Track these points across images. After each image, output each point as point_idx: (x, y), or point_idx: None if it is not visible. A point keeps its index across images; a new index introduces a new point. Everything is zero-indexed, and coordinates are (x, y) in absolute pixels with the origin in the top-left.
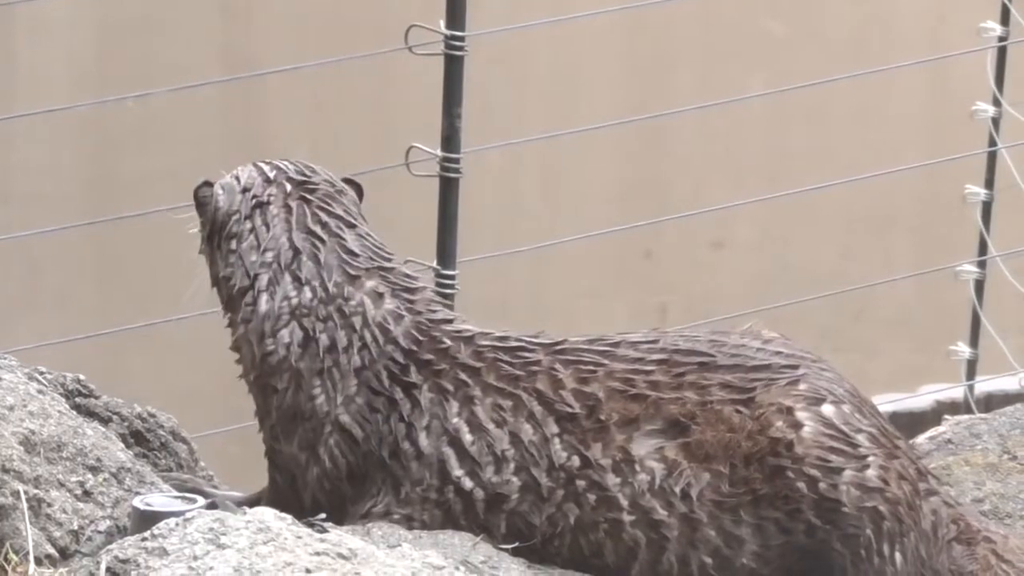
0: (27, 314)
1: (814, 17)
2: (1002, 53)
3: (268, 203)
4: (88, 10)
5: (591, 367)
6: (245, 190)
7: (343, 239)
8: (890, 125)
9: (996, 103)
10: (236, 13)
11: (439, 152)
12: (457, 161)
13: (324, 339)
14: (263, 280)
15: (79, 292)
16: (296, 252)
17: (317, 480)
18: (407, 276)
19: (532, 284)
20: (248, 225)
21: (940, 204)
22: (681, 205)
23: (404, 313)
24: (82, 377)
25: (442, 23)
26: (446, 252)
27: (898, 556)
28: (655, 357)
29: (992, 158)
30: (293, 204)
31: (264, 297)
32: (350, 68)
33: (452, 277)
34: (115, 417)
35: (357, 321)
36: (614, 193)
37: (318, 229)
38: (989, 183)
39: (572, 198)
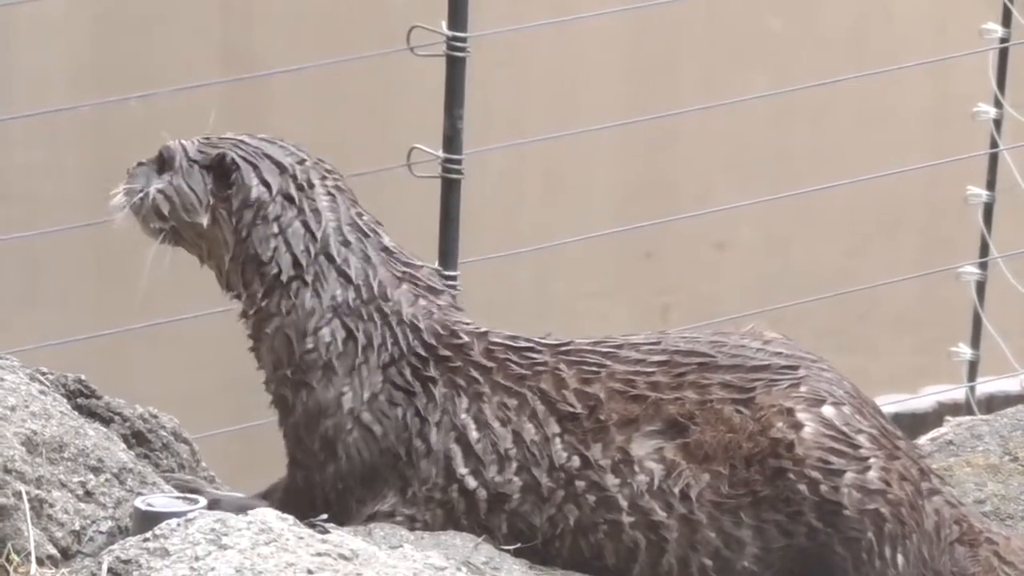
0: (28, 314)
1: (817, 18)
2: (1004, 55)
3: (311, 186)
4: (87, 9)
5: (594, 368)
6: (282, 169)
7: (380, 235)
8: (892, 127)
9: (998, 105)
10: (236, 12)
11: (441, 153)
12: (459, 162)
13: (362, 338)
14: (310, 274)
15: (80, 292)
16: (345, 245)
17: (332, 478)
18: (431, 277)
19: (534, 285)
20: (293, 210)
21: (942, 205)
22: (684, 206)
23: (434, 310)
24: (84, 377)
25: (444, 24)
26: (448, 253)
27: (900, 558)
28: (656, 358)
29: (994, 160)
30: (334, 192)
31: (309, 292)
32: (352, 69)
33: (454, 278)
34: (117, 418)
35: (393, 320)
36: (616, 194)
37: (360, 222)
38: (991, 184)
39: (574, 199)
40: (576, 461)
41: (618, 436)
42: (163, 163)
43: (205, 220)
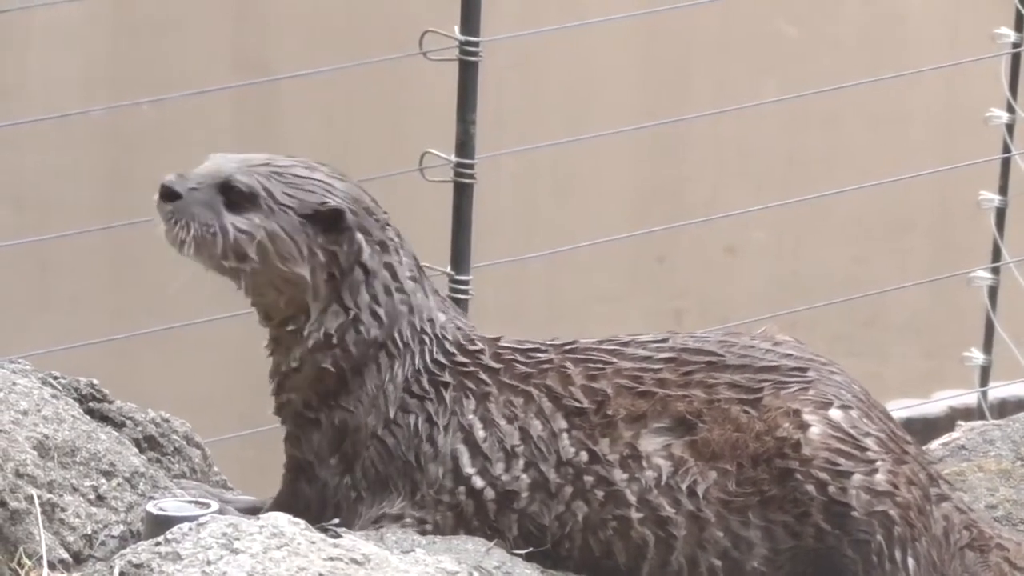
0: (41, 318)
1: (829, 23)
2: (1016, 59)
3: (388, 225)
4: (101, 15)
5: (600, 365)
6: (370, 212)
7: (424, 271)
8: (904, 131)
9: (1010, 109)
10: (249, 17)
11: (453, 157)
12: (471, 167)
13: (399, 360)
14: (381, 309)
15: (93, 296)
16: (415, 280)
17: (345, 488)
18: (456, 305)
19: (546, 289)
20: (383, 256)
21: (954, 210)
22: (696, 210)
23: (460, 324)
24: (96, 382)
25: (457, 29)
26: (460, 257)
27: (911, 561)
28: (663, 356)
29: (1006, 164)
30: (394, 226)
31: (375, 325)
32: (365, 73)
33: (466, 282)
34: (129, 422)
35: (427, 338)
36: (629, 198)
37: (415, 257)
38: (1003, 189)
39: (586, 203)
40: (584, 456)
41: (626, 432)
42: (238, 197)
43: (308, 272)
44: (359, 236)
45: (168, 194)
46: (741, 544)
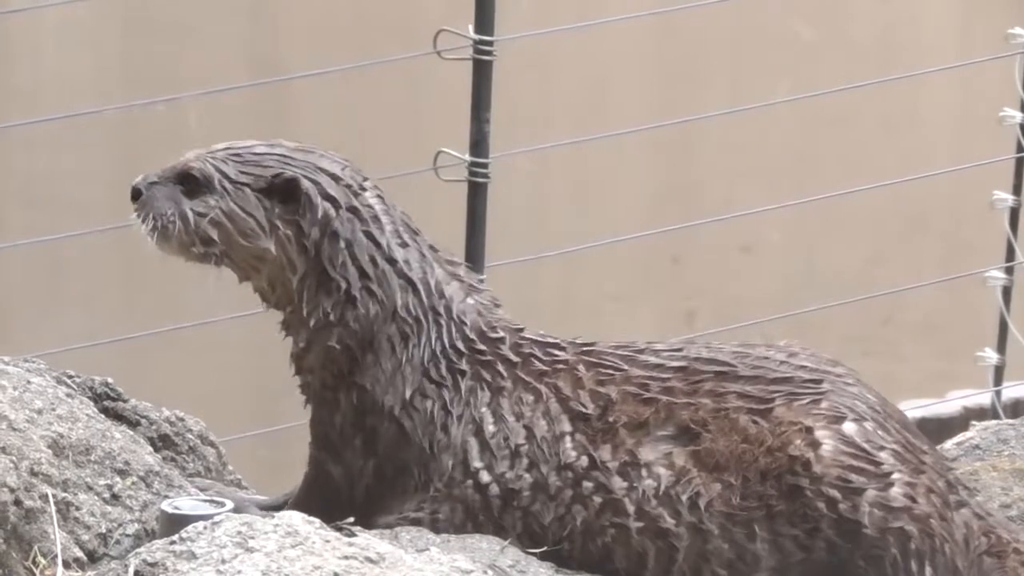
0: (55, 317)
1: (843, 23)
2: None
3: (363, 190)
4: (114, 15)
5: (611, 370)
6: (337, 179)
7: (423, 234)
8: (918, 131)
9: (1023, 109)
10: (264, 17)
11: (468, 157)
12: (486, 166)
13: (413, 338)
14: (375, 282)
15: (107, 295)
16: (404, 247)
17: (369, 474)
18: (471, 275)
19: (560, 288)
20: (357, 221)
21: (968, 210)
22: (710, 210)
23: (480, 308)
24: (111, 380)
25: (471, 28)
26: (474, 256)
27: (928, 570)
28: (675, 364)
29: (1020, 164)
30: (380, 193)
31: (373, 301)
32: (379, 73)
33: (480, 281)
34: (143, 421)
35: (443, 317)
36: (643, 197)
37: (408, 221)
38: (1017, 189)
39: (600, 202)
40: (584, 461)
41: (628, 439)
42: (195, 184)
43: (272, 246)
44: (321, 202)
45: (134, 193)
46: (747, 556)
